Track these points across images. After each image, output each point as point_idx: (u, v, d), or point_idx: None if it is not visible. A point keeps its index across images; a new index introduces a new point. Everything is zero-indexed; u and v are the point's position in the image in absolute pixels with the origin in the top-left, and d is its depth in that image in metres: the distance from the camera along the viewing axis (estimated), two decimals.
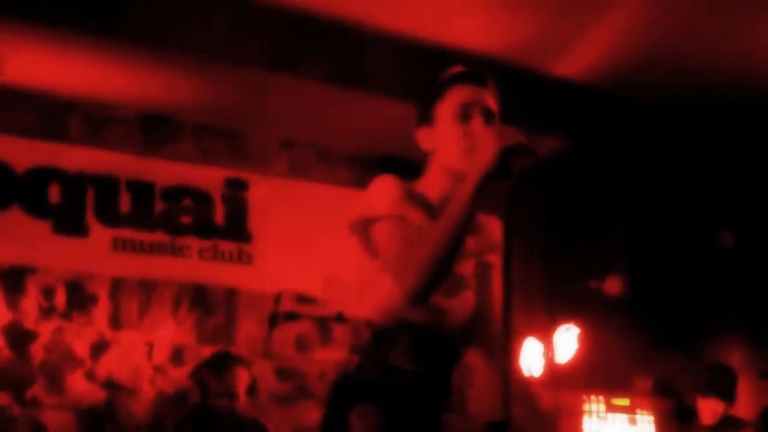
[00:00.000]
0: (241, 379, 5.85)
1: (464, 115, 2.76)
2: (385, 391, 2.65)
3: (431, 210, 2.75)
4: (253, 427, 5.91)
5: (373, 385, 2.66)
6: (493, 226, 2.93)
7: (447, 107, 2.78)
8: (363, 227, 2.73)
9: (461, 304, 2.76)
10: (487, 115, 2.77)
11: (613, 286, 7.41)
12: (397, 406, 2.65)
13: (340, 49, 5.87)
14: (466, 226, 2.54)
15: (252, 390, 5.92)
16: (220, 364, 5.85)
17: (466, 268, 2.79)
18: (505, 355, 2.36)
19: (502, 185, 2.53)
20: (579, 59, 6.14)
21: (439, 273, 2.55)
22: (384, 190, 2.71)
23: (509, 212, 2.84)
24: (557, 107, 6.57)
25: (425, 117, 2.83)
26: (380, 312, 2.70)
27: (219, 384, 5.78)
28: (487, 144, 2.52)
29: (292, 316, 5.78)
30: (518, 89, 6.15)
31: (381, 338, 2.70)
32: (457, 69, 2.86)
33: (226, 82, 6.10)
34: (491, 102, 2.80)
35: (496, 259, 2.91)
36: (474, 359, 2.82)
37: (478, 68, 2.87)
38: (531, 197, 6.32)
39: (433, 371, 2.73)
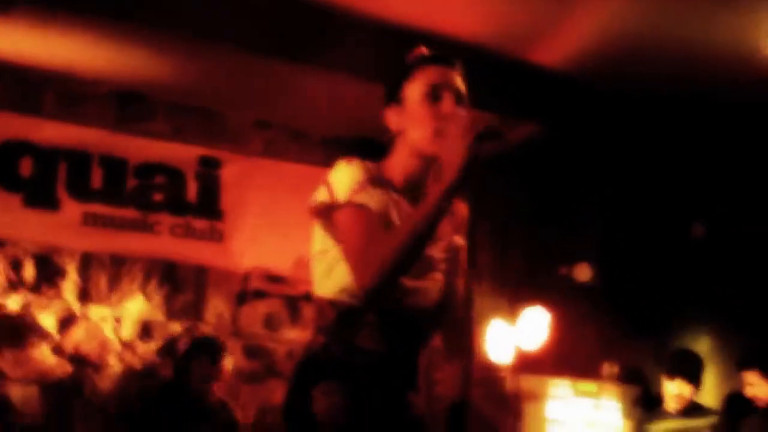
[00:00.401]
0: (227, 365, 5.90)
1: (434, 95, 2.75)
2: (350, 370, 2.66)
3: (396, 192, 2.77)
4: (219, 407, 5.94)
5: (338, 365, 2.67)
6: (461, 209, 2.92)
7: (417, 87, 2.78)
8: (325, 213, 2.73)
9: (430, 286, 2.77)
10: (458, 96, 2.77)
11: (582, 272, 7.45)
12: (361, 385, 2.66)
13: (317, 30, 5.86)
14: (432, 226, 2.53)
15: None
16: (211, 350, 5.87)
17: (436, 250, 2.79)
18: (471, 338, 2.36)
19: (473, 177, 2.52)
20: (556, 47, 6.14)
21: (401, 268, 2.56)
22: (345, 176, 2.71)
23: (480, 197, 2.82)
24: (533, 94, 6.56)
25: (393, 97, 2.83)
26: (345, 292, 2.69)
27: (206, 369, 5.80)
28: (457, 143, 2.49)
29: (260, 294, 5.79)
30: (495, 75, 6.17)
31: (346, 319, 2.70)
32: (424, 50, 2.87)
33: (201, 62, 6.09)
34: (460, 83, 2.80)
35: (464, 242, 2.90)
36: (440, 342, 2.83)
37: (446, 50, 2.89)
38: (502, 182, 6.33)
39: (399, 352, 2.73)
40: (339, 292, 2.71)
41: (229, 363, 5.94)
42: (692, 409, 6.16)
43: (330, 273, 2.74)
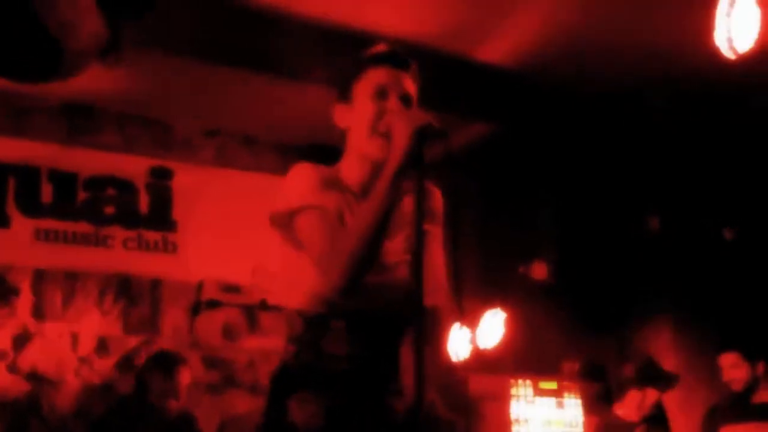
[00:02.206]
0: (184, 378, 5.83)
1: (381, 95, 2.76)
2: (323, 378, 2.65)
3: (351, 194, 2.77)
4: (182, 419, 5.88)
5: (311, 373, 2.66)
6: (434, 197, 2.94)
7: (364, 86, 2.79)
8: (284, 220, 2.73)
9: (393, 282, 2.74)
10: (405, 99, 2.78)
11: (539, 270, 7.46)
12: (337, 392, 2.65)
13: (264, 36, 5.83)
14: (388, 213, 2.54)
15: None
16: (167, 364, 5.81)
17: (396, 242, 2.77)
18: (430, 338, 2.34)
19: (420, 170, 2.53)
20: (504, 45, 6.15)
21: (364, 262, 2.56)
22: (299, 181, 2.72)
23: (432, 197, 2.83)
24: (482, 93, 6.57)
25: (343, 94, 2.84)
26: (310, 300, 2.70)
27: (163, 384, 5.74)
28: (400, 130, 2.53)
29: (214, 304, 5.76)
30: (443, 75, 6.16)
31: (313, 326, 2.70)
32: (380, 48, 2.86)
33: (149, 71, 6.04)
34: (409, 86, 2.81)
35: (436, 230, 2.92)
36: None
37: (400, 50, 2.87)
38: (455, 181, 6.31)
39: (372, 354, 2.72)
40: (305, 300, 2.72)
41: (186, 376, 5.88)
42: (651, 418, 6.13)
43: (295, 282, 2.76)
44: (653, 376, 6.07)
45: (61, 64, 4.06)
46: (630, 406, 6.04)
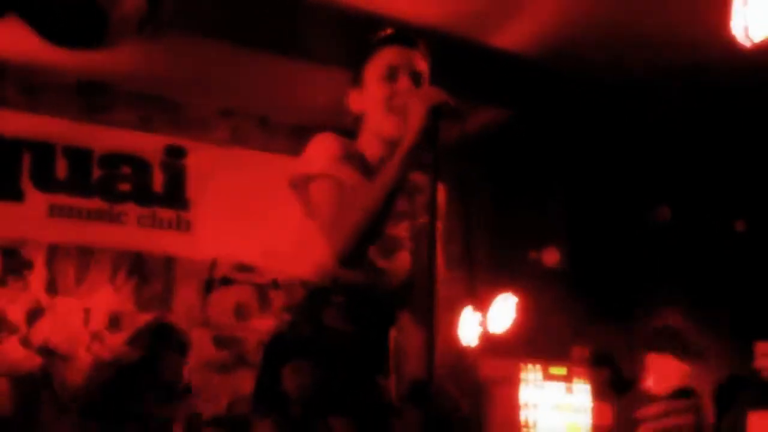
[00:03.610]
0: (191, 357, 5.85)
1: (391, 76, 2.78)
2: (319, 349, 2.68)
3: (368, 170, 2.78)
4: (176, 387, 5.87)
5: (307, 344, 2.68)
6: (438, 189, 2.94)
7: (375, 69, 2.81)
8: (302, 184, 2.75)
9: (398, 266, 2.78)
10: (415, 77, 2.79)
11: (551, 257, 7.47)
12: (330, 365, 2.67)
13: (281, 17, 5.84)
14: (397, 190, 2.56)
15: None
16: (181, 341, 5.82)
17: (401, 229, 2.80)
18: (438, 321, 2.36)
19: (434, 150, 2.54)
20: (519, 31, 6.15)
21: (369, 235, 2.58)
22: (322, 148, 2.74)
23: (448, 181, 2.84)
24: (497, 79, 6.57)
25: (356, 79, 2.86)
26: (315, 271, 2.72)
27: (179, 360, 5.75)
28: (414, 107, 2.55)
29: (227, 281, 5.77)
30: (458, 60, 6.16)
31: (314, 298, 2.72)
32: (387, 31, 2.88)
33: (165, 50, 6.05)
34: (420, 64, 2.82)
35: (438, 224, 2.92)
36: (408, 323, 2.82)
37: (408, 30, 2.89)
38: (467, 167, 6.34)
39: (368, 332, 2.75)
40: (310, 271, 2.74)
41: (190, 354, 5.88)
42: (679, 392, 5.96)
43: (303, 249, 2.78)
44: (671, 341, 5.91)
45: (104, 33, 4.13)
46: (653, 376, 5.79)
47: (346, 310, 2.71)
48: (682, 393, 5.83)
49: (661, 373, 5.89)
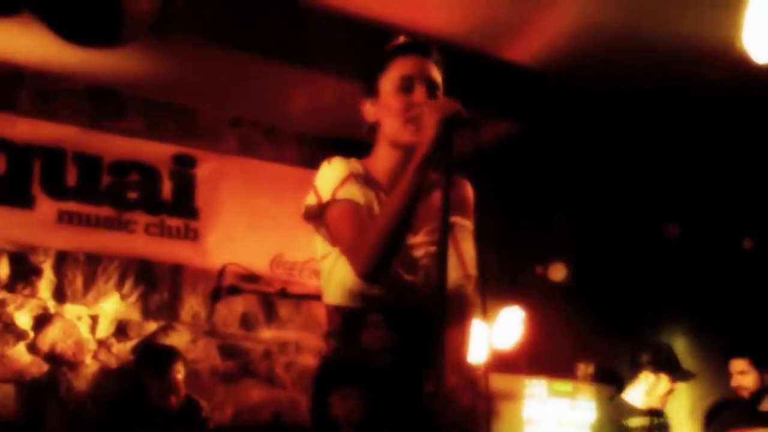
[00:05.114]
0: (180, 373, 5.78)
1: (407, 86, 2.78)
2: (364, 372, 2.68)
3: (378, 187, 2.79)
4: (185, 409, 5.82)
5: (351, 368, 2.70)
6: (463, 189, 2.94)
7: (390, 79, 2.81)
8: (316, 214, 2.76)
9: (423, 278, 2.77)
10: (431, 87, 2.79)
11: (557, 272, 7.47)
12: (377, 386, 2.67)
13: (290, 27, 5.84)
14: (413, 201, 2.55)
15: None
16: (160, 365, 5.75)
17: (419, 237, 2.79)
18: (458, 326, 2.37)
19: (449, 157, 2.54)
20: (531, 45, 6.15)
21: (390, 249, 2.58)
22: (331, 175, 2.75)
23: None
24: (507, 91, 6.56)
25: (370, 89, 2.86)
26: (346, 295, 2.73)
27: (161, 386, 5.71)
28: (428, 118, 2.55)
29: (235, 290, 5.76)
30: (468, 72, 6.16)
31: (351, 321, 2.73)
32: (401, 40, 2.88)
33: (176, 58, 6.06)
34: (434, 73, 2.83)
35: (466, 222, 2.90)
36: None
37: (422, 40, 2.90)
38: (475, 181, 6.32)
39: (410, 346, 2.72)
40: (341, 295, 2.75)
41: (181, 370, 5.81)
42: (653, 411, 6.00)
43: (331, 276, 2.78)
44: (669, 363, 5.95)
45: (116, 32, 4.15)
46: (640, 390, 5.90)
47: (383, 328, 2.71)
48: (655, 412, 5.93)
49: (645, 387, 5.92)
